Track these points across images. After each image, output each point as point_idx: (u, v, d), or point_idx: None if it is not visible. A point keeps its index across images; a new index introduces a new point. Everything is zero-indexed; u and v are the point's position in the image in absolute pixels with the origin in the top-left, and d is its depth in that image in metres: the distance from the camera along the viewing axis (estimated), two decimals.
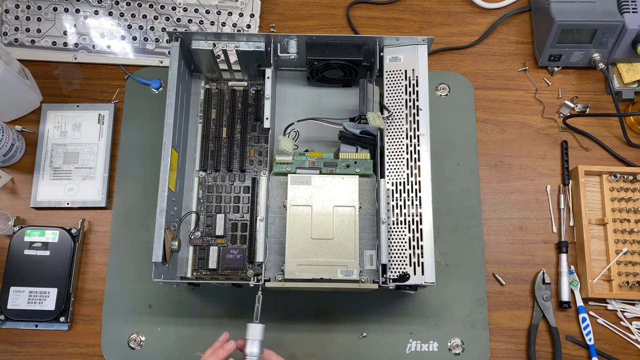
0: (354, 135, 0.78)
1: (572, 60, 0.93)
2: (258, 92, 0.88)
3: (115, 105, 0.91)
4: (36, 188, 0.87)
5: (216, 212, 0.83)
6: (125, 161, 0.89)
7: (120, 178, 0.88)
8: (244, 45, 0.79)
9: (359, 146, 0.79)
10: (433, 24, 0.98)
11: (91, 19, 0.95)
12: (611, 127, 0.93)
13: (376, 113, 0.78)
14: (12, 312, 0.81)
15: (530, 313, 0.85)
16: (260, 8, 0.96)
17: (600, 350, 0.83)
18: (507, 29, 0.99)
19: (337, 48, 0.81)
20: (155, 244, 0.71)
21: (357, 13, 0.99)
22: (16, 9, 0.94)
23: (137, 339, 0.82)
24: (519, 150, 0.92)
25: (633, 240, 0.87)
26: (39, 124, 0.90)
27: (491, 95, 0.95)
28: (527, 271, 0.87)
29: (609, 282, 0.86)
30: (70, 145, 0.89)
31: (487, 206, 0.89)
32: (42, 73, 0.93)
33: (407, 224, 0.75)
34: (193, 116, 0.87)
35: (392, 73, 0.80)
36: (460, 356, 0.82)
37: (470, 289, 0.85)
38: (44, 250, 0.83)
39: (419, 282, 0.73)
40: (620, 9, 0.88)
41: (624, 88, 0.93)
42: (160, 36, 0.94)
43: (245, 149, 0.86)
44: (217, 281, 0.76)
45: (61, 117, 0.90)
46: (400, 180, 0.76)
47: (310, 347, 0.82)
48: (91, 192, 0.87)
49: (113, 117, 0.90)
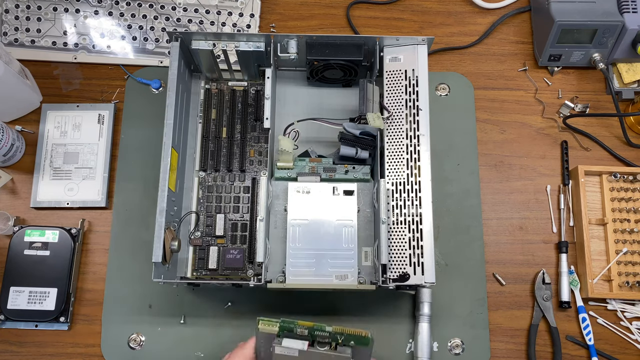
0: (353, 137, 0.78)
1: (572, 60, 0.93)
2: (258, 92, 0.88)
3: (115, 105, 0.91)
4: (36, 188, 0.87)
5: (216, 212, 0.83)
6: (125, 161, 0.89)
7: (120, 178, 0.88)
8: (244, 45, 0.79)
9: (359, 147, 0.79)
10: (433, 24, 0.99)
11: (91, 19, 0.95)
12: (611, 127, 0.93)
13: (376, 114, 0.78)
14: (12, 312, 0.81)
15: (530, 313, 0.85)
16: (260, 8, 0.96)
17: (600, 350, 0.83)
18: (507, 29, 0.99)
19: (337, 48, 0.81)
20: (155, 244, 0.71)
21: (357, 13, 0.99)
22: (16, 9, 0.94)
23: (137, 339, 0.82)
24: (519, 150, 0.92)
25: (633, 240, 0.87)
26: (39, 124, 0.90)
27: (491, 95, 0.95)
28: (527, 271, 0.87)
29: (609, 282, 0.86)
30: (70, 145, 0.89)
31: (487, 206, 0.89)
32: (42, 73, 0.93)
33: (407, 224, 0.75)
34: (193, 116, 0.87)
35: (392, 73, 0.80)
36: (460, 356, 0.82)
37: (470, 289, 0.85)
38: (44, 250, 0.83)
39: (419, 282, 0.73)
40: (620, 9, 0.88)
41: (624, 88, 0.93)
42: (160, 36, 0.94)
43: (245, 149, 0.86)
44: (217, 281, 0.76)
45: (61, 117, 0.90)
46: (400, 180, 0.76)
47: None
48: (91, 192, 0.87)
49: (113, 117, 0.90)
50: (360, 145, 0.79)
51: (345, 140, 0.79)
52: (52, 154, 0.88)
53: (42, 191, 0.87)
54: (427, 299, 0.81)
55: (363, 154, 0.79)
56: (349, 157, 0.79)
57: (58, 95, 0.92)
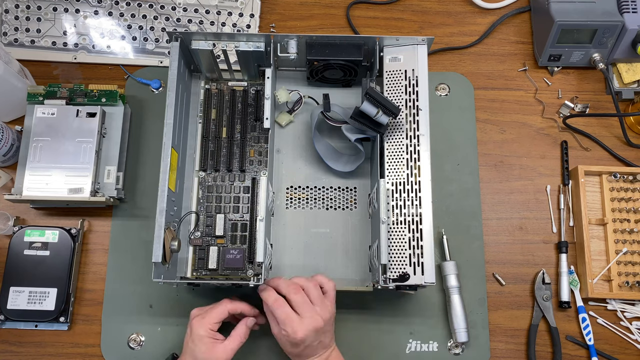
0: (380, 97, 0.75)
1: (572, 60, 0.93)
2: (258, 92, 0.88)
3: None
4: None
5: (216, 212, 0.83)
6: (126, 161, 0.89)
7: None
8: (243, 45, 0.79)
9: (381, 110, 0.75)
10: (433, 24, 0.99)
11: (91, 19, 0.95)
12: (611, 127, 0.93)
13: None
14: (12, 312, 0.81)
15: (530, 313, 0.85)
16: (260, 8, 0.96)
17: (600, 350, 0.83)
18: (507, 29, 0.99)
19: (337, 48, 0.81)
20: (155, 244, 0.71)
21: (357, 13, 0.99)
22: (16, 9, 0.94)
23: (137, 339, 0.82)
24: (518, 150, 0.92)
25: (633, 240, 0.87)
26: None
27: (491, 95, 0.95)
28: (527, 271, 0.87)
29: (608, 282, 0.86)
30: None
31: (487, 206, 0.89)
32: (42, 73, 0.93)
33: (407, 224, 0.75)
34: (193, 116, 0.87)
35: (392, 73, 0.80)
36: (460, 356, 0.82)
37: (470, 289, 0.85)
38: (44, 251, 0.83)
39: (419, 282, 0.73)
40: (620, 9, 0.88)
41: (624, 88, 0.93)
42: (160, 36, 0.94)
43: (245, 149, 0.86)
44: (217, 281, 0.76)
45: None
46: (400, 180, 0.76)
47: None
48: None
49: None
50: (383, 109, 0.75)
51: (370, 97, 0.74)
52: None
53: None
54: (453, 271, 0.83)
55: (383, 117, 0.76)
56: (367, 115, 0.76)
57: None
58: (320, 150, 0.84)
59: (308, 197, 0.85)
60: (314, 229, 0.84)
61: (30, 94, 0.85)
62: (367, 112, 0.76)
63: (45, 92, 0.86)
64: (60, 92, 0.86)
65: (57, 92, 0.86)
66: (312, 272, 0.81)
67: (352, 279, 0.82)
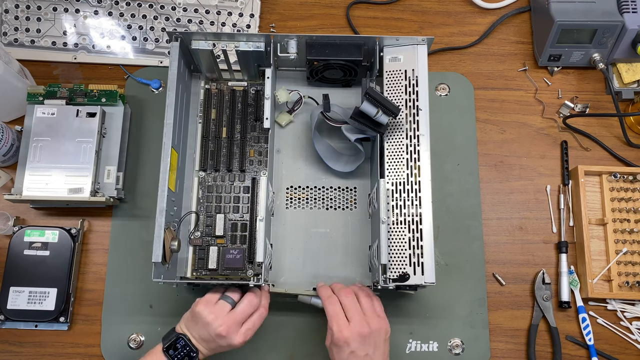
0: (380, 97, 0.75)
1: (572, 60, 0.93)
2: (258, 92, 0.88)
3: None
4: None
5: (216, 212, 0.83)
6: (126, 161, 0.89)
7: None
8: (243, 45, 0.79)
9: (381, 110, 0.75)
10: (433, 24, 0.99)
11: (91, 19, 0.95)
12: (611, 127, 0.93)
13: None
14: (12, 312, 0.81)
15: (530, 313, 0.85)
16: (260, 8, 0.96)
17: (600, 350, 0.83)
18: (507, 29, 0.99)
19: (337, 48, 0.81)
20: (155, 244, 0.71)
21: (357, 13, 0.99)
22: (16, 9, 0.94)
23: (137, 339, 0.82)
24: (518, 150, 0.92)
25: (633, 240, 0.87)
26: None
27: (491, 95, 0.95)
28: (527, 271, 0.87)
29: (608, 282, 0.86)
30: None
31: (487, 206, 0.89)
32: (42, 73, 0.93)
33: (407, 224, 0.75)
34: (193, 116, 0.87)
35: (392, 73, 0.80)
36: (460, 356, 0.82)
37: (470, 289, 0.85)
38: (44, 251, 0.83)
39: (419, 282, 0.73)
40: (620, 9, 0.88)
41: (624, 88, 0.93)
42: (160, 36, 0.94)
43: (245, 149, 0.86)
44: (217, 281, 0.76)
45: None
46: (400, 180, 0.76)
47: (310, 346, 0.82)
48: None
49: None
50: (383, 109, 0.75)
51: (369, 97, 0.75)
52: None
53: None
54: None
55: (383, 117, 0.76)
56: (367, 115, 0.76)
57: None
58: (320, 150, 0.84)
59: (308, 197, 0.86)
60: (314, 229, 0.84)
61: (30, 94, 0.86)
62: (367, 112, 0.76)
63: (45, 92, 0.86)
64: (60, 92, 0.86)
65: (57, 92, 0.86)
66: (312, 272, 0.82)
67: (352, 279, 0.82)
